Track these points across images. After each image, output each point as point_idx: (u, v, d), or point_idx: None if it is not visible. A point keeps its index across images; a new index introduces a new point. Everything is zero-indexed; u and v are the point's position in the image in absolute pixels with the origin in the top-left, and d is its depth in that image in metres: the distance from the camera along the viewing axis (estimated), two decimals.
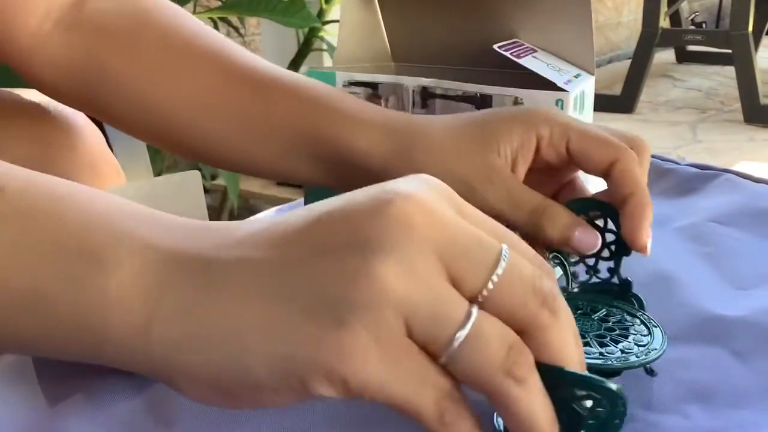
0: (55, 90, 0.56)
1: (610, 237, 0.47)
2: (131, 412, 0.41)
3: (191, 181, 0.54)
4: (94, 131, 0.69)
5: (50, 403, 0.42)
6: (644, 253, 0.44)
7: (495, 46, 0.52)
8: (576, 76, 0.54)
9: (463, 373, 0.28)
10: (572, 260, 0.48)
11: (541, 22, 0.56)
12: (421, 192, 0.29)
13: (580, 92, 0.52)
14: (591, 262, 0.48)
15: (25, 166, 0.34)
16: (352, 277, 0.27)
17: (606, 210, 0.47)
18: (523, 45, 0.55)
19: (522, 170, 0.47)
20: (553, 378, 0.30)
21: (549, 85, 0.51)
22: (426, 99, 0.56)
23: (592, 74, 0.55)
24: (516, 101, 0.52)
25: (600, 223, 0.47)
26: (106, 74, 0.53)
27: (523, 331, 0.29)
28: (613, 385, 0.30)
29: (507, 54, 0.52)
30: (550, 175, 0.49)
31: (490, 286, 0.28)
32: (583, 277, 0.48)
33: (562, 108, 0.51)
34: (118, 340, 0.30)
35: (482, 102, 0.54)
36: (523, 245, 0.31)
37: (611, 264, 0.47)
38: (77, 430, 0.40)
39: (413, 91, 0.57)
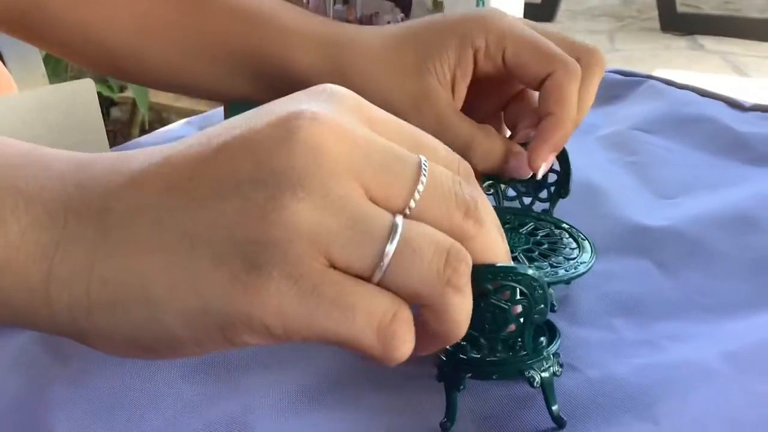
0: None
1: (552, 177, 0.45)
2: (25, 347, 0.39)
3: (85, 90, 0.49)
4: None
5: None
6: (535, 174, 0.43)
7: None
8: None
9: (401, 286, 0.26)
10: (510, 196, 0.46)
11: None
12: (327, 111, 0.27)
13: None
14: (527, 200, 0.45)
15: None
16: (259, 215, 0.25)
17: None
18: None
19: (462, 88, 0.44)
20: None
21: None
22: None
23: None
24: (436, 0, 0.49)
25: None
26: (44, 4, 0.52)
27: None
28: (526, 269, 0.29)
29: None
30: (497, 87, 0.47)
31: (412, 203, 0.27)
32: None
33: (483, 5, 0.48)
34: (17, 305, 0.27)
35: None
36: (440, 148, 0.30)
37: (546, 206, 0.45)
38: None
39: None
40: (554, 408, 0.33)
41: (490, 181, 0.45)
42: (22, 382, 0.37)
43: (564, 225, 0.43)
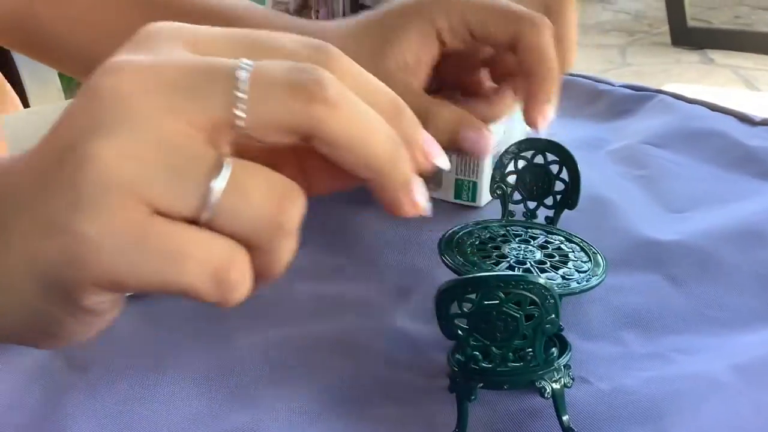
0: None
1: (559, 186, 0.45)
2: (45, 356, 0.39)
3: None
4: None
5: None
6: (536, 130, 0.44)
7: None
8: None
9: (230, 230, 0.25)
10: (515, 199, 0.46)
11: None
12: (128, 57, 0.26)
13: None
14: (532, 206, 0.46)
15: None
16: (71, 178, 0.24)
17: (562, 156, 0.45)
18: None
19: (424, 70, 0.45)
20: (477, 285, 0.29)
21: None
22: (356, 10, 0.54)
23: None
24: None
25: (554, 169, 0.46)
26: (41, 23, 0.56)
27: (309, 136, 0.26)
28: (537, 278, 0.29)
29: None
30: (474, 53, 0.47)
31: (240, 113, 0.25)
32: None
33: None
34: None
35: None
36: (285, 42, 0.27)
37: (551, 213, 0.46)
38: None
39: (343, 1, 0.55)
40: (565, 419, 0.33)
41: (498, 183, 0.45)
42: (41, 393, 0.38)
43: (575, 239, 0.44)
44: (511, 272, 0.29)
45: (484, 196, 0.54)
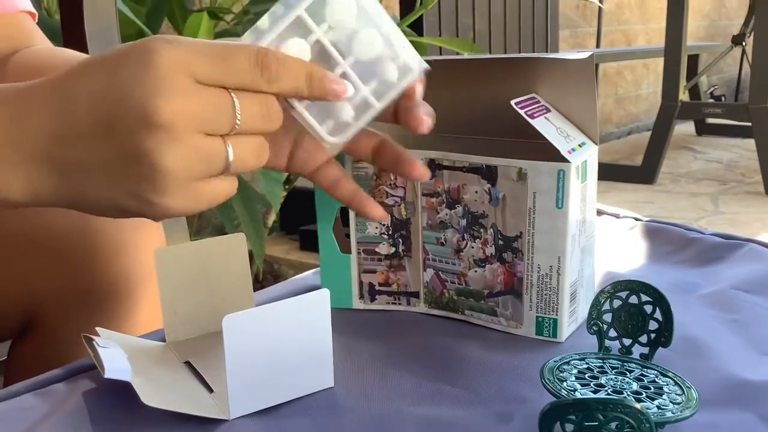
0: None
1: (653, 325, 0.49)
2: None
3: (237, 243, 0.56)
4: None
5: None
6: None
7: (512, 102, 0.54)
8: (581, 145, 0.55)
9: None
10: (611, 336, 0.50)
11: (554, 87, 0.57)
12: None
13: (582, 162, 0.54)
14: (627, 342, 0.49)
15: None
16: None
17: (656, 297, 0.49)
18: (540, 103, 0.57)
19: None
20: (579, 407, 0.32)
21: (553, 155, 0.53)
22: (434, 170, 0.58)
23: (596, 144, 0.58)
24: (520, 171, 0.54)
25: (648, 309, 0.49)
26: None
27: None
28: (633, 403, 0.32)
29: (521, 112, 0.54)
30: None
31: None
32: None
33: (563, 179, 0.53)
34: None
35: (488, 172, 0.56)
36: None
37: (646, 350, 0.49)
38: None
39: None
40: None
41: (594, 320, 0.49)
42: None
43: (669, 374, 0.46)
44: (610, 397, 0.33)
45: (565, 331, 0.56)
